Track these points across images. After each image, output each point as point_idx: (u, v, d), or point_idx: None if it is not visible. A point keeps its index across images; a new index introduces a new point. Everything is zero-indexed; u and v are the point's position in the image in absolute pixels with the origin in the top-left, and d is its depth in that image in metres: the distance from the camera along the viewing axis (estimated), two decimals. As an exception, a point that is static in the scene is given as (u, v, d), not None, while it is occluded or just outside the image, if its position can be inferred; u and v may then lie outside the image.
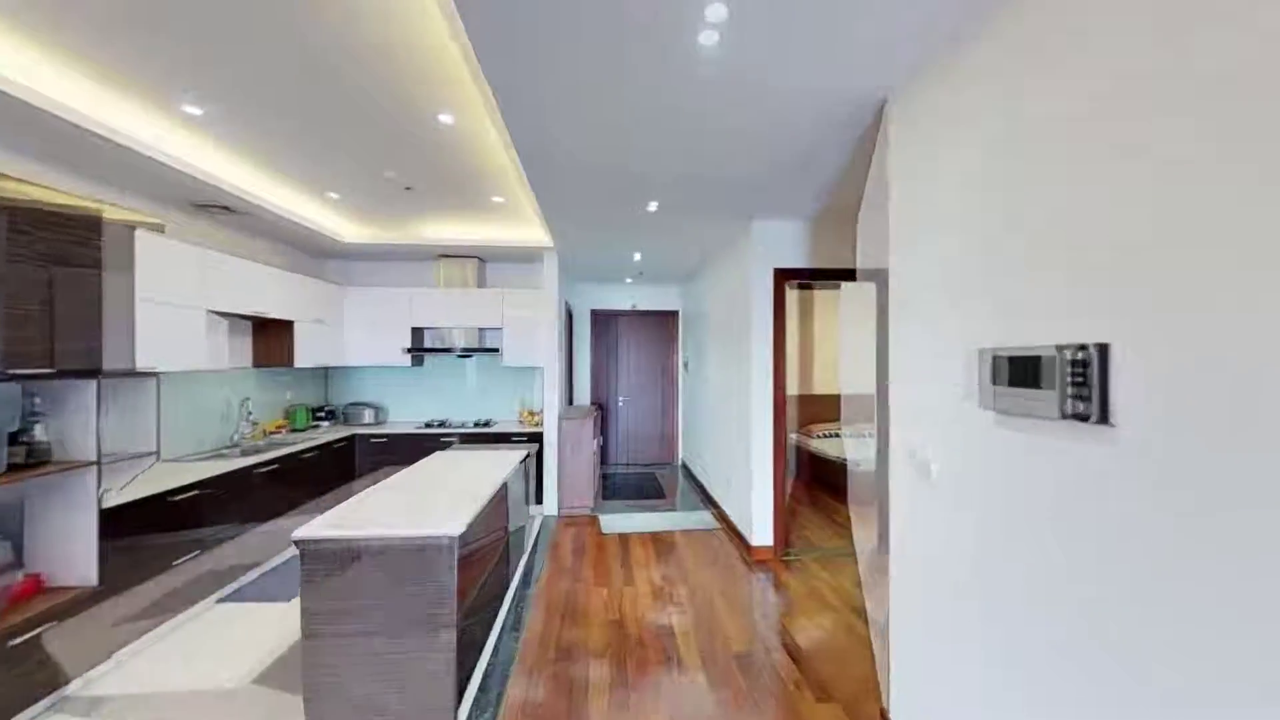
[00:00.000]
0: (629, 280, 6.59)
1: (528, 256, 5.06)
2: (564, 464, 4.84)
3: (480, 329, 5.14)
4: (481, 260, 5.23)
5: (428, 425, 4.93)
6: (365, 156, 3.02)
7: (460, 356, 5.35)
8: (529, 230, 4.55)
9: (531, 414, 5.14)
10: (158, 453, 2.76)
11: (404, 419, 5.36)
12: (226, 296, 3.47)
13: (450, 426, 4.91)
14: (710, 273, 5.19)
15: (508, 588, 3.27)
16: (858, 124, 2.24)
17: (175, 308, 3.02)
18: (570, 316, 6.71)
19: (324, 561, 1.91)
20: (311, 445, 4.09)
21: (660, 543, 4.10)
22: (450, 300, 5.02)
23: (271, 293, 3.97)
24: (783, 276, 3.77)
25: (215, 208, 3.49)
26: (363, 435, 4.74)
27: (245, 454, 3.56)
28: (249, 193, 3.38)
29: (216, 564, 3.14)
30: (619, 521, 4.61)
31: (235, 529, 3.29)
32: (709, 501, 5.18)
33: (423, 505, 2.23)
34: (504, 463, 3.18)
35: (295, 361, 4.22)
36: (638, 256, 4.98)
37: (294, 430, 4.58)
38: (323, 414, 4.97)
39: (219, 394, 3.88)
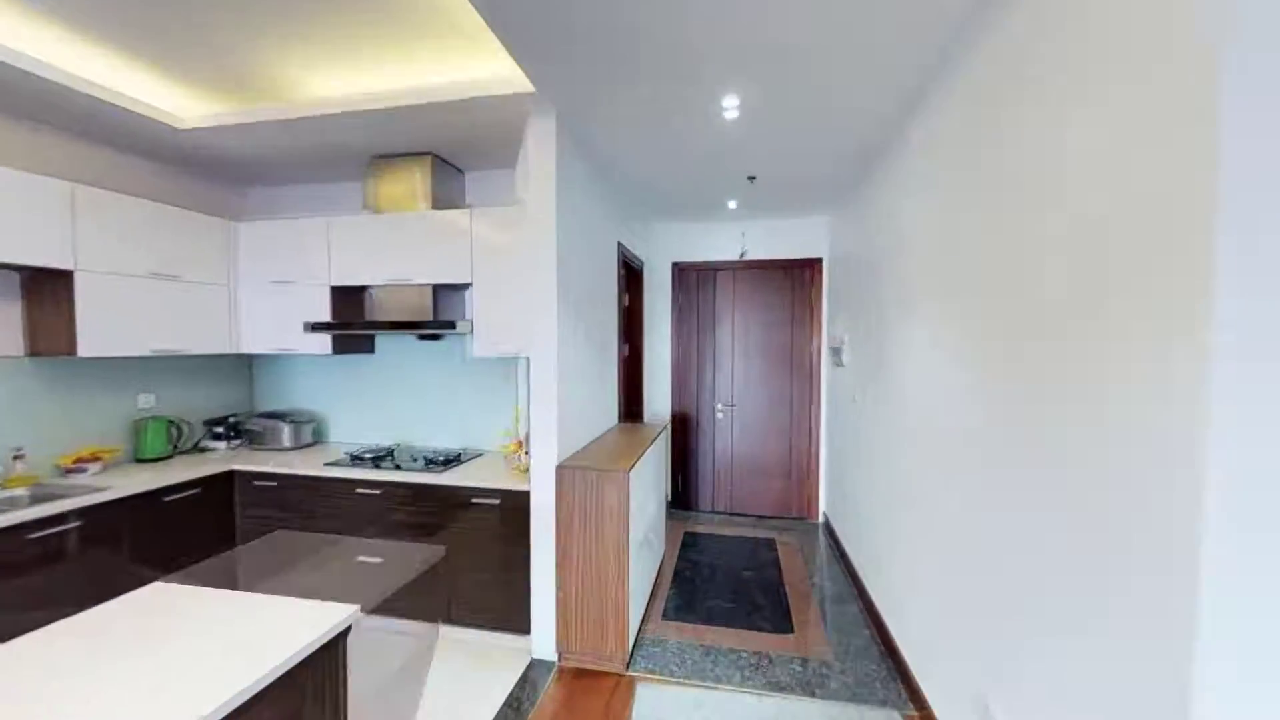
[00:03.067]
0: (733, 205, 3.79)
1: (517, 144, 2.59)
2: (567, 559, 2.33)
3: (439, 287, 2.83)
4: (444, 162, 2.88)
5: (355, 458, 2.78)
6: None
7: (422, 338, 3.12)
8: (488, 60, 2.07)
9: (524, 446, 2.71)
10: None
11: (345, 440, 3.31)
12: None
13: (384, 466, 2.68)
14: (914, 134, 2.22)
15: None
16: None
17: None
18: (635, 272, 4.15)
19: None
20: (109, 499, 2.14)
21: None
22: (387, 234, 2.77)
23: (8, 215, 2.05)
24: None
25: None
26: (245, 474, 2.74)
27: None
28: None
29: None
30: None
31: None
32: (890, 654, 2.30)
33: None
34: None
35: (79, 347, 2.30)
36: (733, 109, 2.20)
37: (140, 460, 2.74)
38: (223, 430, 3.11)
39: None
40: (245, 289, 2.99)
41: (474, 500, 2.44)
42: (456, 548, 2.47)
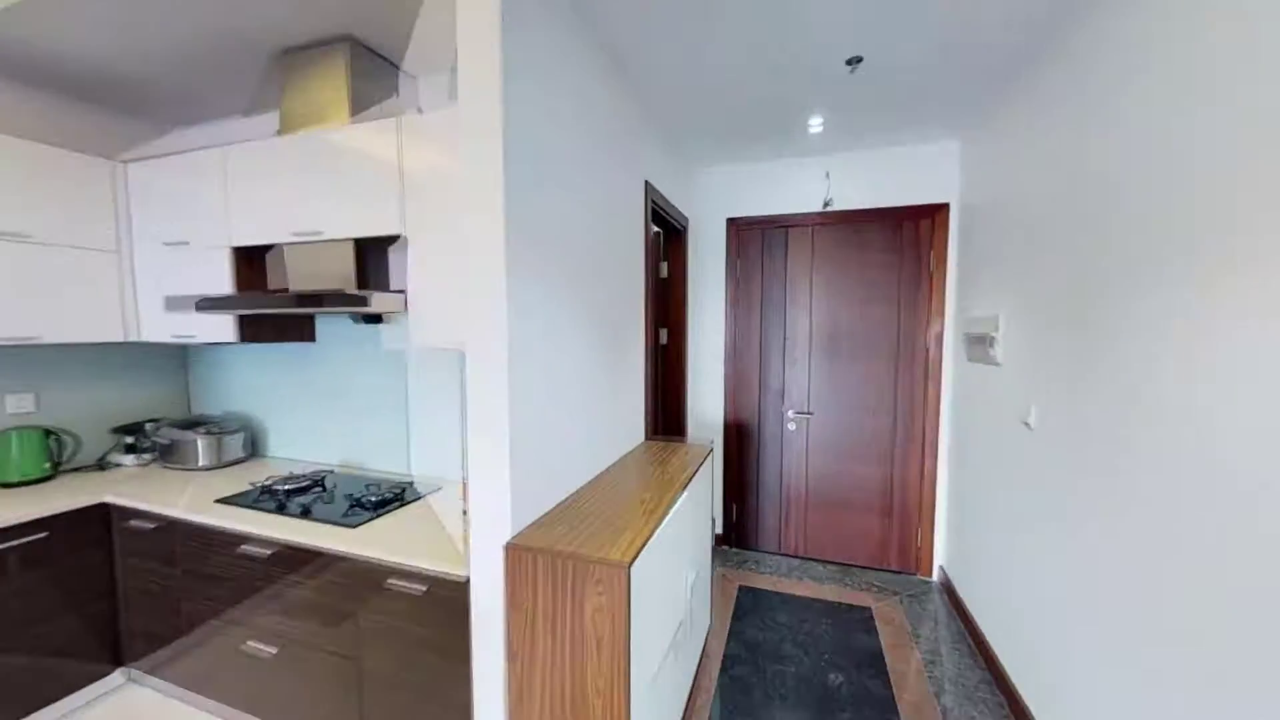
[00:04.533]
0: (816, 124, 2.59)
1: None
2: (528, 696, 1.36)
3: (365, 245, 1.91)
4: (370, 52, 1.92)
5: (264, 490, 1.95)
6: None
7: (365, 320, 2.22)
8: None
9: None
10: None
11: (289, 455, 2.52)
12: None
13: (289, 510, 1.84)
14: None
15: None
16: None
17: None
18: (676, 231, 3.07)
19: None
20: None
21: None
22: (290, 166, 1.87)
23: None
24: None
25: None
26: (121, 510, 1.99)
27: None
28: None
29: None
30: None
31: None
32: None
33: None
34: None
35: None
36: None
37: (5, 485, 2.06)
38: (134, 441, 2.41)
39: None
40: (142, 255, 2.23)
41: (389, 583, 1.52)
42: (370, 651, 1.57)
